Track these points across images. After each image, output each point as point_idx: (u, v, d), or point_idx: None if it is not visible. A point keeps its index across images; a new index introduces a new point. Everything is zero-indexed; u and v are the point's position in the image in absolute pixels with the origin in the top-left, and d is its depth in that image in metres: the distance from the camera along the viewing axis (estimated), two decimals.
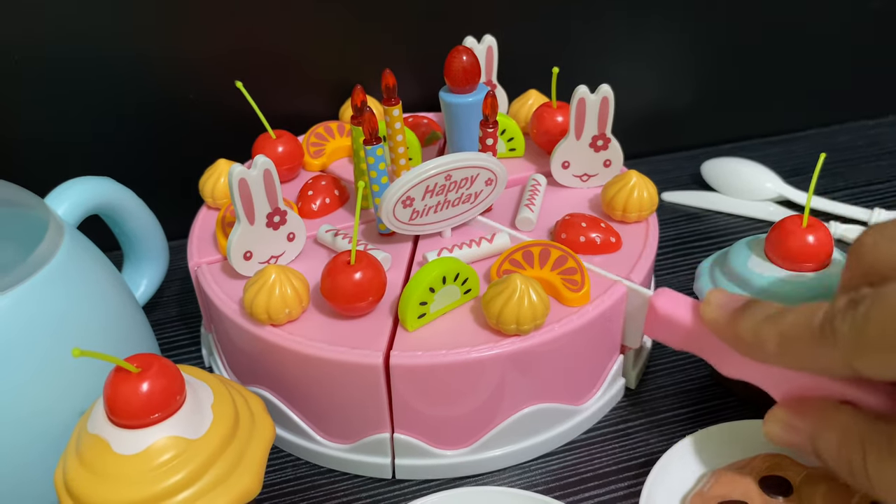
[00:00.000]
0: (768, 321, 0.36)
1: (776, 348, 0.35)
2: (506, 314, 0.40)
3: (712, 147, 0.74)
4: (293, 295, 0.42)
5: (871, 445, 0.33)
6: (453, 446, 0.44)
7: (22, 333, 0.40)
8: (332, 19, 0.60)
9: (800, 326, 0.34)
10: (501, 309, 0.40)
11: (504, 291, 0.40)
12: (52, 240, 0.42)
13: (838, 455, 0.35)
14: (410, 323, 0.42)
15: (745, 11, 0.68)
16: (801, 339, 0.34)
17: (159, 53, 0.58)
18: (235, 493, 0.36)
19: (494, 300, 0.41)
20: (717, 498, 0.39)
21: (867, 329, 0.31)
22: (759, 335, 0.36)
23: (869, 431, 0.34)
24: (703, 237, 0.63)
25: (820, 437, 0.36)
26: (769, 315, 0.36)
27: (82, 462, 0.35)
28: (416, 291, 0.41)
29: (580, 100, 0.49)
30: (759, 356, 0.37)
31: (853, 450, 0.34)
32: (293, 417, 0.45)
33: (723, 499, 0.39)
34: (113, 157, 0.59)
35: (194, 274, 0.48)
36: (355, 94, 0.47)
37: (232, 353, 0.47)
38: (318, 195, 0.51)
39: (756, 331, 0.36)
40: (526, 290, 0.40)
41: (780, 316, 0.35)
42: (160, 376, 0.35)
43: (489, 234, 0.47)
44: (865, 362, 0.32)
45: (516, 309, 0.40)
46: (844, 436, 0.35)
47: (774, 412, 0.38)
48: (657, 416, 0.48)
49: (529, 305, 0.40)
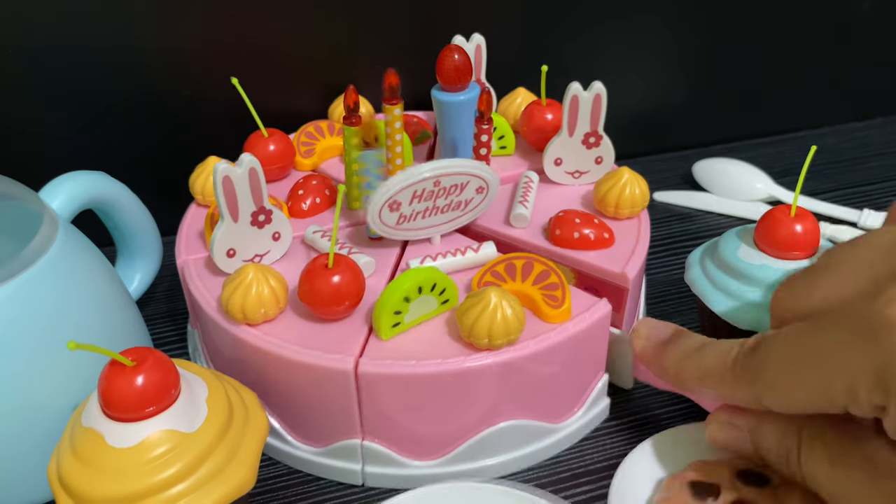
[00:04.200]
0: (689, 357, 0.38)
1: (697, 383, 0.38)
2: (478, 328, 0.39)
3: (703, 148, 0.74)
4: (270, 295, 0.42)
5: (806, 437, 0.35)
6: (424, 457, 0.43)
7: (16, 326, 0.40)
8: (322, 17, 0.60)
9: (716, 364, 0.36)
10: (474, 322, 0.39)
11: (477, 304, 0.40)
12: (47, 234, 0.42)
13: (778, 446, 0.36)
14: (384, 332, 0.41)
15: (736, 12, 0.69)
16: (716, 375, 0.36)
17: (154, 49, 0.58)
18: (230, 487, 0.36)
19: (468, 313, 0.40)
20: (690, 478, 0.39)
21: (765, 368, 0.34)
22: (681, 370, 0.38)
23: (807, 422, 0.35)
24: (695, 237, 0.64)
25: (759, 430, 0.37)
26: (691, 350, 0.38)
27: (76, 455, 0.35)
28: (389, 301, 0.41)
29: (573, 97, 0.49)
30: (683, 389, 0.39)
31: (791, 440, 0.35)
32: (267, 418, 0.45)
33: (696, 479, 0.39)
34: (107, 153, 0.59)
35: (181, 270, 0.48)
36: (348, 95, 0.47)
37: (213, 350, 0.47)
38: (308, 195, 0.51)
39: (678, 366, 0.38)
40: (499, 304, 0.39)
41: (701, 352, 0.37)
42: (155, 370, 0.35)
43: (476, 243, 0.47)
44: (769, 399, 0.34)
45: (489, 323, 0.39)
46: (784, 427, 0.36)
47: (716, 414, 0.39)
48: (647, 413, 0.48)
49: (503, 320, 0.39)
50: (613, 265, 0.46)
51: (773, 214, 0.45)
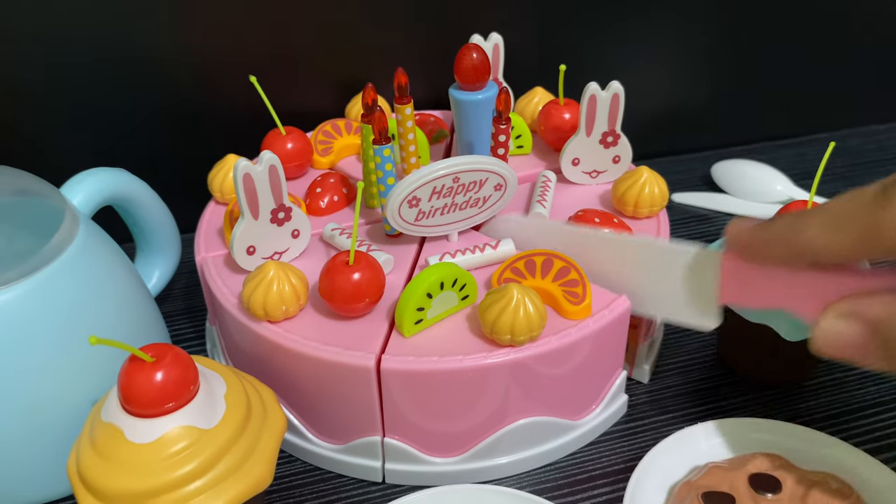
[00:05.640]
0: (807, 215, 0.32)
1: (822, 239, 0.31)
2: (500, 324, 0.40)
3: (723, 149, 0.74)
4: (291, 292, 0.42)
5: None
6: (444, 454, 0.44)
7: (37, 321, 0.40)
8: (340, 16, 0.60)
9: (850, 206, 0.30)
10: (496, 318, 0.40)
11: (500, 300, 0.40)
12: (68, 230, 0.43)
13: None
14: (407, 329, 0.41)
15: (756, 13, 0.68)
16: (852, 217, 0.30)
17: (174, 48, 0.58)
18: (247, 483, 0.36)
19: (490, 309, 0.40)
20: (704, 488, 0.39)
21: None
22: (799, 230, 0.32)
23: None
24: (713, 238, 0.63)
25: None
26: (803, 212, 0.32)
27: (96, 450, 0.35)
28: (413, 297, 0.41)
29: (591, 96, 0.49)
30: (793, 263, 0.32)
31: None
32: (287, 414, 0.45)
33: (709, 489, 0.39)
34: (127, 149, 0.60)
35: (200, 267, 0.48)
36: (366, 93, 0.47)
37: (232, 347, 0.48)
38: (326, 192, 0.51)
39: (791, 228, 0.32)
40: (522, 300, 0.39)
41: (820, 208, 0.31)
42: (174, 366, 0.35)
43: (494, 240, 0.47)
44: None
45: (511, 319, 0.39)
46: None
47: (833, 306, 0.31)
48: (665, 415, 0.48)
49: (525, 316, 0.39)
50: None
51: (789, 210, 0.44)
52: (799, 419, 0.47)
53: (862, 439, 0.46)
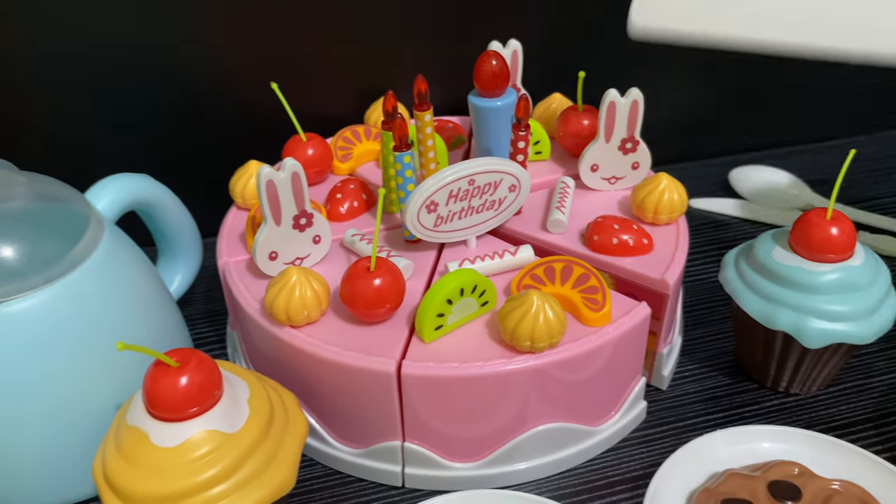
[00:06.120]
0: None
1: None
2: (520, 330, 0.40)
3: (740, 155, 0.74)
4: (313, 297, 0.42)
5: None
6: (464, 459, 0.44)
7: (62, 325, 0.40)
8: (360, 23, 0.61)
9: None
10: (517, 325, 0.40)
11: (520, 307, 0.40)
12: (93, 235, 0.43)
13: None
14: (427, 335, 0.42)
15: None
16: None
17: (195, 55, 0.59)
18: (270, 488, 0.36)
19: (510, 315, 0.40)
20: (724, 494, 0.39)
21: None
22: None
23: None
24: (731, 244, 0.63)
25: None
26: None
27: (121, 453, 0.36)
28: (433, 303, 0.41)
29: (610, 103, 0.49)
30: None
31: None
32: (308, 419, 0.45)
33: (729, 496, 0.39)
34: (150, 155, 0.60)
35: (222, 272, 0.48)
36: (387, 100, 0.47)
37: (253, 351, 0.48)
38: (346, 199, 0.52)
39: None
40: (542, 307, 0.40)
41: None
42: (198, 371, 0.36)
43: (513, 246, 0.47)
44: None
45: (531, 325, 0.40)
46: None
47: None
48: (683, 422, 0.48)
49: (545, 322, 0.40)
50: (653, 271, 0.46)
51: (808, 217, 0.45)
52: (818, 427, 0.47)
53: (882, 447, 0.46)
